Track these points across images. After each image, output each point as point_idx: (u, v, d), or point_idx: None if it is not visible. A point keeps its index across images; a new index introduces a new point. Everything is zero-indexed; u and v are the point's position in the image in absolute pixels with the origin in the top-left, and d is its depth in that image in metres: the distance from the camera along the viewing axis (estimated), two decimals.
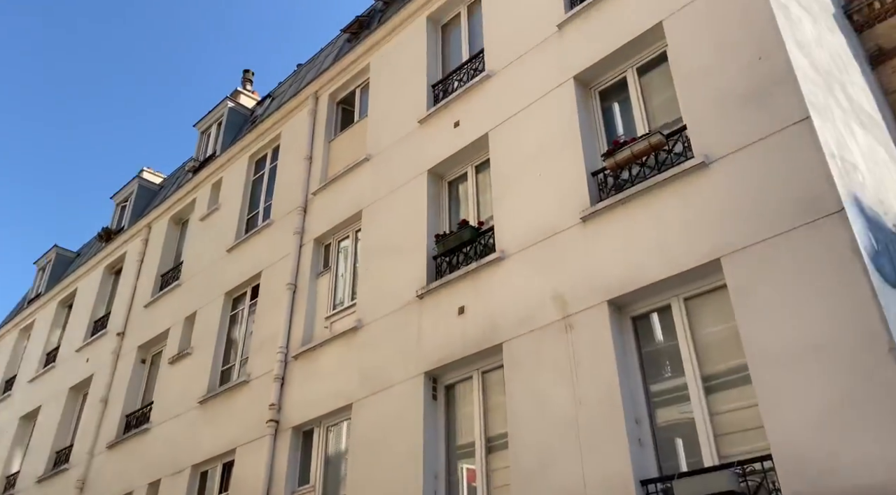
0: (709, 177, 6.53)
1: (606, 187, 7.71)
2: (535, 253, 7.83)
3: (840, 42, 8.25)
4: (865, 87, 8.02)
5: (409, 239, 9.57)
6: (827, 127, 6.13)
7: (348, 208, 11.06)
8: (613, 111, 8.46)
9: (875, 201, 6.12)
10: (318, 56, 15.44)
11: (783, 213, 5.80)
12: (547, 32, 9.11)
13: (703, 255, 6.24)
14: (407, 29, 11.87)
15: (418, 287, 8.97)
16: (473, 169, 9.72)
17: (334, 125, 12.90)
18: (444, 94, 10.64)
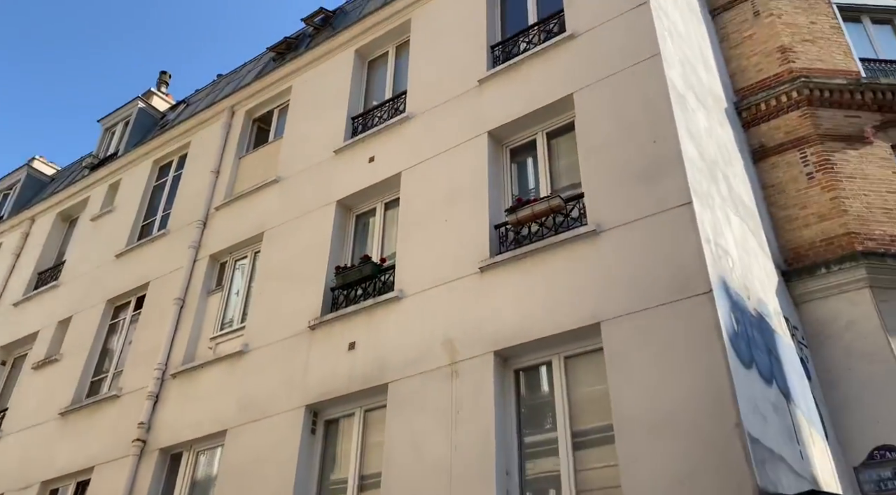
0: (598, 245, 6.94)
1: (506, 241, 8.00)
2: (431, 296, 7.98)
3: (729, 135, 9.04)
4: (746, 180, 8.80)
5: (308, 267, 9.50)
6: (706, 213, 6.69)
7: (250, 228, 10.86)
8: (521, 169, 8.83)
9: (741, 286, 6.70)
10: (241, 70, 15.23)
11: (659, 288, 6.25)
12: (468, 85, 9.44)
13: (585, 318, 6.59)
14: (334, 58, 11.96)
15: (311, 317, 8.89)
16: (383, 205, 9.82)
17: (247, 142, 12.71)
18: (362, 128, 10.76)
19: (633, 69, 7.74)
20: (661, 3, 8.51)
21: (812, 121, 9.17)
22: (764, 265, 7.89)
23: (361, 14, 12.53)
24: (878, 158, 8.83)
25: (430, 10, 10.91)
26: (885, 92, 9.31)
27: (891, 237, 8.09)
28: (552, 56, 8.70)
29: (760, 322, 6.82)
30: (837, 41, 10.09)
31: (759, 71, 10.08)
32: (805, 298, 8.03)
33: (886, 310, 7.48)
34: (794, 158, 9.08)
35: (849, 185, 8.56)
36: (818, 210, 8.54)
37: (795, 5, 10.52)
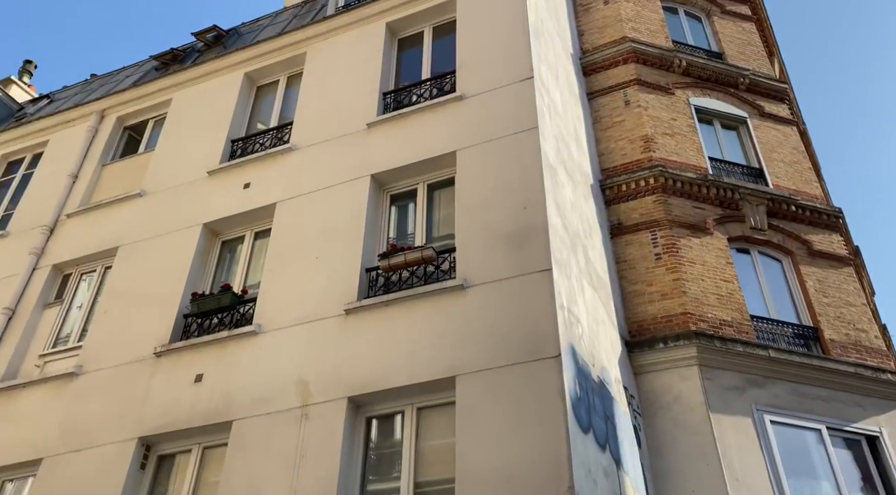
0: (462, 300, 7.15)
1: (375, 286, 8.03)
2: (291, 334, 7.80)
3: (591, 210, 9.72)
4: (602, 253, 9.47)
5: (163, 290, 9.00)
6: (563, 281, 7.11)
7: (104, 241, 10.16)
8: (399, 216, 8.97)
9: (588, 353, 7.13)
10: (118, 73, 14.42)
11: (514, 348, 6.52)
12: (357, 127, 9.52)
13: (442, 371, 6.71)
14: (222, 78, 11.66)
15: (159, 343, 8.39)
16: (253, 234, 9.56)
17: (115, 149, 12.00)
18: (242, 153, 10.50)
19: (512, 138, 8.18)
20: (545, 81, 9.12)
21: (664, 207, 10.07)
22: (610, 335, 8.45)
23: (256, 39, 12.38)
24: (716, 248, 9.84)
25: (328, 47, 10.99)
26: (727, 190, 10.44)
27: (720, 321, 8.98)
28: (441, 112, 9.01)
29: (602, 389, 7.26)
30: (692, 139, 11.23)
31: (624, 155, 10.97)
32: (643, 370, 8.66)
33: (710, 387, 8.23)
34: (646, 239, 9.89)
35: (689, 269, 9.43)
36: (662, 289, 9.32)
37: (660, 101, 11.64)
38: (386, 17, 10.69)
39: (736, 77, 12.30)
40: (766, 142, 11.70)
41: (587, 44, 12.75)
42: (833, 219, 10.71)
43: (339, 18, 11.10)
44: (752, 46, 13.41)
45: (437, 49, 10.31)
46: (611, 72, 12.09)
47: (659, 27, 12.88)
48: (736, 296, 9.34)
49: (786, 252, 10.25)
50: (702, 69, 12.24)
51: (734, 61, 12.77)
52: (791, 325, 9.48)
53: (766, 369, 8.56)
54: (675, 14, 13.65)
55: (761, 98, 12.38)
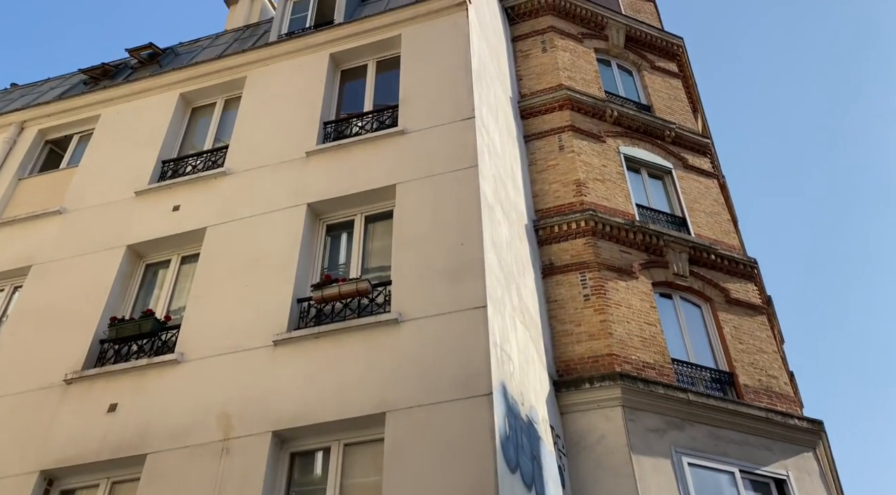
0: (396, 334, 7.10)
1: (307, 317, 7.87)
2: (215, 364, 7.53)
3: (525, 249, 9.92)
4: (534, 292, 9.64)
5: (79, 313, 8.54)
6: (497, 318, 7.19)
7: (15, 259, 9.60)
8: (335, 245, 8.88)
9: (517, 392, 7.19)
10: (42, 84, 13.80)
11: (446, 384, 6.50)
12: (295, 155, 9.42)
13: (371, 407, 6.61)
14: (155, 96, 11.36)
15: (70, 370, 7.92)
16: (179, 258, 9.26)
17: (34, 163, 11.42)
18: (172, 174, 10.20)
19: (452, 175, 8.29)
20: (485, 122, 9.33)
21: (594, 250, 10.38)
22: (539, 374, 8.56)
23: (194, 59, 12.15)
24: (641, 292, 10.19)
25: (269, 74, 10.90)
26: (652, 236, 10.87)
27: (644, 363, 9.25)
28: (382, 145, 9.05)
29: (530, 428, 7.32)
30: (620, 185, 11.69)
31: (557, 197, 11.30)
32: (569, 409, 8.79)
33: (633, 429, 8.43)
34: (576, 280, 10.15)
35: (616, 312, 9.72)
36: (589, 329, 9.55)
37: (592, 148, 12.09)
38: (330, 48, 10.73)
39: (663, 129, 12.94)
40: (689, 192, 12.30)
41: (525, 89, 13.15)
42: (748, 268, 11.30)
43: (282, 46, 11.07)
44: (678, 101, 14.17)
45: (380, 83, 10.41)
46: (547, 117, 12.50)
47: (593, 77, 13.45)
48: (658, 340, 9.67)
49: (705, 299, 10.73)
50: (631, 120, 12.81)
51: (661, 114, 13.44)
52: (709, 370, 9.88)
53: (686, 412, 8.85)
54: (608, 66, 14.29)
55: (685, 151, 13.05)
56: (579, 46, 14.01)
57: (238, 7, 16.33)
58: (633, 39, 14.77)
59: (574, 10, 14.50)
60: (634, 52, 14.65)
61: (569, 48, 13.80)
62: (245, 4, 16.38)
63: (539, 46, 13.82)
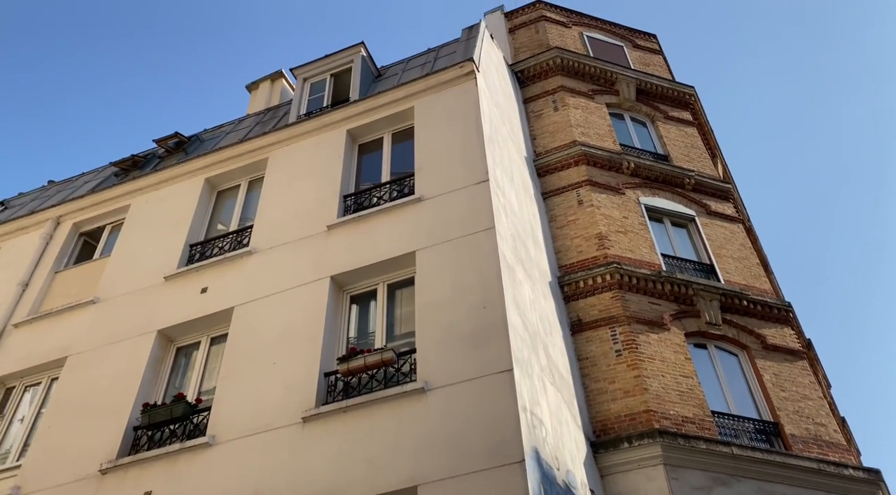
0: (424, 403, 7.02)
1: (335, 391, 7.85)
2: (247, 445, 7.50)
3: (551, 306, 9.83)
4: (564, 351, 9.49)
5: (112, 401, 8.63)
6: (525, 381, 7.07)
7: (52, 351, 9.80)
8: (360, 316, 8.91)
9: (552, 457, 7.00)
10: (76, 179, 14.42)
11: (476, 453, 6.36)
12: (316, 229, 9.61)
13: (402, 481, 6.48)
14: (182, 183, 11.76)
15: (105, 460, 7.95)
16: (209, 340, 9.37)
17: (69, 256, 11.81)
18: (200, 257, 10.44)
19: (470, 238, 8.36)
20: (500, 183, 9.44)
21: (622, 303, 10.25)
22: (575, 436, 8.33)
23: (218, 145, 12.60)
24: (674, 344, 9.96)
25: (289, 153, 11.25)
26: (680, 285, 10.71)
27: (683, 418, 8.95)
28: (400, 214, 9.19)
29: (568, 493, 7.08)
30: (644, 236, 11.62)
31: (580, 252, 11.26)
32: (610, 471, 8.49)
33: (677, 487, 8.08)
34: (606, 335, 9.98)
35: (650, 366, 9.49)
36: (624, 386, 9.32)
37: (612, 200, 12.11)
38: (347, 125, 11.07)
39: (682, 178, 12.93)
40: (714, 239, 12.16)
41: (539, 147, 13.33)
42: (783, 312, 11.01)
43: (301, 126, 11.45)
44: (696, 149, 14.20)
45: (396, 153, 10.66)
46: (563, 173, 12.60)
47: (606, 131, 13.59)
48: (696, 392, 9.38)
49: (741, 346, 10.44)
50: (649, 170, 12.84)
51: (679, 163, 13.46)
52: (752, 420, 9.50)
53: (731, 467, 8.48)
54: (621, 119, 14.46)
55: (707, 197, 12.98)
56: (591, 103, 14.23)
57: (259, 91, 17.00)
58: (645, 92, 14.97)
59: (583, 69, 14.80)
60: (647, 104, 14.81)
61: (580, 105, 14.03)
62: (266, 88, 17.05)
63: (550, 106, 14.07)
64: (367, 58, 12.90)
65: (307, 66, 13.15)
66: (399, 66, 12.94)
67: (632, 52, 16.78)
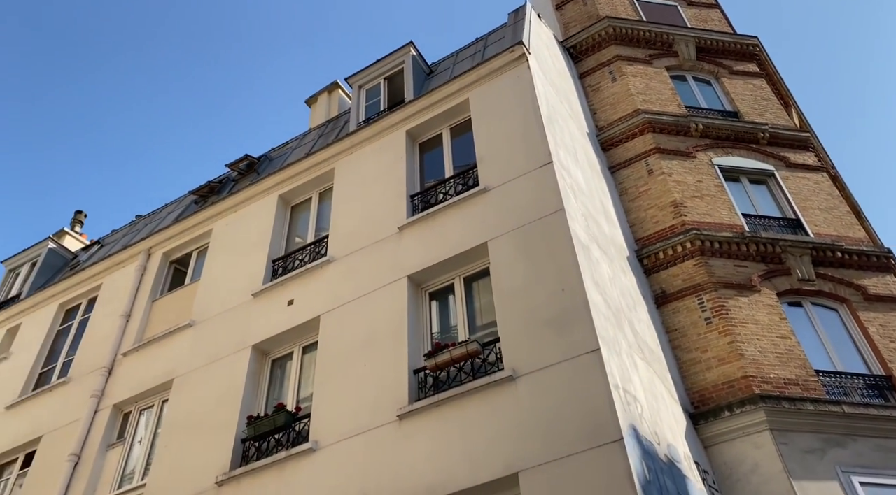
0: (514, 391, 7.04)
1: (426, 386, 7.99)
2: (348, 447, 7.74)
3: (632, 282, 9.64)
4: (650, 324, 9.30)
5: (219, 417, 9.09)
6: (614, 359, 6.98)
7: (159, 375, 10.41)
8: (440, 311, 9.02)
9: (651, 433, 6.88)
10: (161, 211, 15.22)
11: (572, 436, 6.33)
12: (388, 232, 9.78)
13: (502, 469, 6.53)
14: (257, 203, 12.19)
15: (219, 473, 8.39)
16: (300, 349, 9.69)
17: (163, 284, 12.48)
18: (283, 271, 10.81)
19: (540, 222, 8.30)
20: (564, 163, 9.32)
21: (706, 269, 9.92)
22: (672, 409, 8.15)
23: (287, 162, 13.00)
24: (766, 305, 9.56)
25: (354, 161, 11.48)
26: (766, 244, 10.27)
27: (784, 380, 8.60)
28: (467, 207, 9.23)
29: (671, 468, 6.94)
30: (722, 198, 11.20)
31: (656, 222, 10.97)
32: (713, 441, 8.27)
33: (787, 452, 7.78)
34: (693, 304, 9.70)
35: (743, 330, 9.16)
36: (718, 354, 9.03)
37: (683, 165, 11.73)
38: (405, 126, 11.19)
39: (755, 133, 12.38)
40: (797, 191, 11.59)
41: (601, 121, 13.07)
42: (884, 260, 10.38)
43: (362, 133, 11.66)
44: (767, 101, 13.55)
45: (456, 147, 10.70)
46: (629, 144, 12.31)
47: (670, 95, 13.17)
48: (796, 352, 8.99)
49: (840, 300, 9.92)
50: (719, 129, 12.36)
51: (750, 118, 12.89)
52: (862, 376, 9.02)
53: (844, 426, 8.10)
54: (683, 81, 13.97)
55: (785, 149, 12.38)
56: (649, 68, 13.82)
57: (318, 104, 17.39)
58: (705, 49, 14.41)
59: (637, 35, 14.39)
60: (708, 61, 14.26)
61: (639, 72, 13.65)
62: (324, 100, 17.43)
63: (608, 77, 13.76)
64: (417, 57, 12.99)
65: (360, 74, 13.37)
66: (450, 60, 12.96)
67: (686, 9, 16.17)
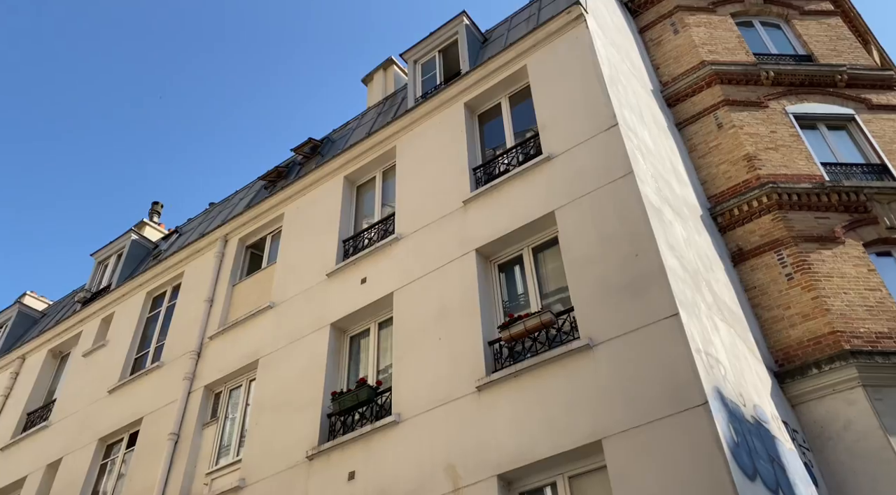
0: (592, 359, 7.03)
1: (501, 357, 8.06)
2: (430, 419, 7.92)
3: (706, 241, 9.39)
4: (728, 284, 9.05)
5: (304, 394, 9.45)
6: (693, 323, 6.85)
7: (245, 356, 10.86)
8: (510, 283, 9.04)
9: (735, 395, 6.75)
10: (233, 198, 15.72)
11: (655, 402, 6.29)
12: (454, 206, 9.82)
13: (585, 436, 6.56)
14: (324, 185, 12.42)
15: (309, 447, 8.75)
16: (376, 326, 9.91)
17: (241, 269, 12.94)
18: (353, 251, 11.03)
19: (609, 187, 8.16)
20: (630, 124, 9.09)
21: (784, 224, 9.56)
22: (756, 369, 7.97)
23: (349, 143, 13.16)
24: (853, 257, 9.16)
25: (414, 137, 11.51)
26: (849, 193, 9.79)
27: (876, 334, 8.25)
28: (531, 176, 9.15)
29: (759, 429, 6.82)
30: (798, 148, 10.70)
31: (729, 178, 10.60)
32: (801, 399, 8.06)
33: (882, 409, 7.50)
34: (773, 260, 9.38)
35: (828, 284, 8.81)
36: (801, 310, 8.73)
37: (755, 116, 11.24)
38: (463, 98, 11.13)
39: (831, 75, 11.73)
40: (882, 135, 10.95)
41: (665, 76, 12.63)
42: None
43: (420, 109, 11.67)
44: (843, 40, 12.78)
45: (516, 116, 10.58)
46: (696, 98, 11.88)
47: (737, 44, 12.60)
48: (888, 304, 8.59)
49: None
50: (792, 75, 11.77)
51: (826, 60, 12.20)
52: None
53: None
54: (750, 27, 13.32)
55: (866, 90, 11.69)
56: (713, 17, 13.23)
57: (374, 82, 17.45)
58: None
59: None
60: (776, 3, 13.53)
61: (702, 22, 13.09)
62: (380, 78, 17.47)
63: (669, 30, 13.25)
64: (470, 26, 12.84)
65: (414, 48, 13.33)
66: (504, 26, 12.75)
67: None
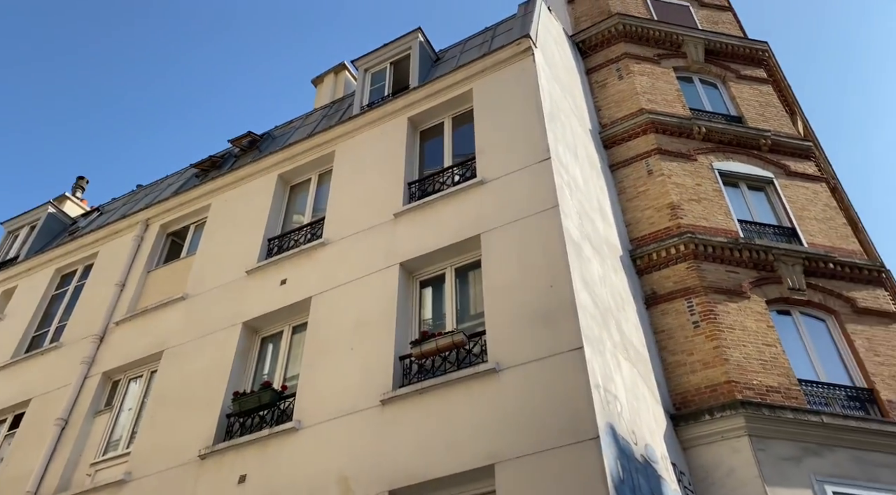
0: (496, 383, 7.12)
1: (410, 373, 8.07)
2: (331, 429, 7.83)
3: (623, 282, 9.69)
4: (638, 325, 9.36)
5: (206, 391, 9.19)
6: (596, 358, 7.05)
7: (150, 346, 10.50)
8: (431, 301, 9.08)
9: (628, 432, 6.96)
10: (161, 182, 15.26)
11: (550, 431, 6.42)
12: (384, 218, 9.82)
13: (480, 459, 6.62)
14: (257, 180, 12.21)
15: (203, 446, 8.50)
16: (290, 329, 9.76)
17: (159, 256, 12.54)
18: (278, 250, 10.86)
19: (533, 218, 8.34)
20: (562, 159, 9.34)
21: (697, 273, 9.98)
22: (653, 409, 8.24)
23: (288, 141, 13.01)
24: (755, 312, 9.63)
25: (355, 144, 11.49)
26: (759, 252, 10.31)
27: (767, 387, 8.68)
28: (463, 198, 9.26)
29: (647, 467, 7.04)
30: (719, 203, 11.23)
31: (652, 223, 11.01)
32: (692, 443, 8.37)
33: (764, 458, 7.88)
34: (682, 307, 9.76)
35: (730, 336, 9.23)
36: (703, 357, 9.11)
37: (684, 168, 11.74)
38: (407, 112, 11.19)
39: (757, 139, 12.38)
40: (795, 200, 11.61)
41: (605, 118, 13.06)
42: (875, 273, 10.43)
43: (365, 116, 11.66)
44: (772, 107, 13.53)
45: (457, 137, 10.72)
46: (631, 143, 12.31)
47: (675, 97, 13.15)
48: (780, 360, 9.06)
49: (828, 311, 9.98)
50: (722, 134, 12.36)
51: (754, 124, 12.88)
52: (843, 388, 9.10)
53: (822, 436, 8.19)
54: (690, 83, 13.94)
55: (786, 157, 12.38)
56: (657, 68, 13.79)
57: (324, 85, 17.39)
58: (714, 52, 14.37)
59: (647, 34, 14.34)
60: (716, 64, 14.22)
61: (646, 71, 13.62)
62: (330, 81, 17.42)
63: (615, 74, 13.73)
64: (424, 43, 12.97)
65: (367, 57, 13.35)
66: (457, 48, 12.94)
67: (699, 10, 16.10)
